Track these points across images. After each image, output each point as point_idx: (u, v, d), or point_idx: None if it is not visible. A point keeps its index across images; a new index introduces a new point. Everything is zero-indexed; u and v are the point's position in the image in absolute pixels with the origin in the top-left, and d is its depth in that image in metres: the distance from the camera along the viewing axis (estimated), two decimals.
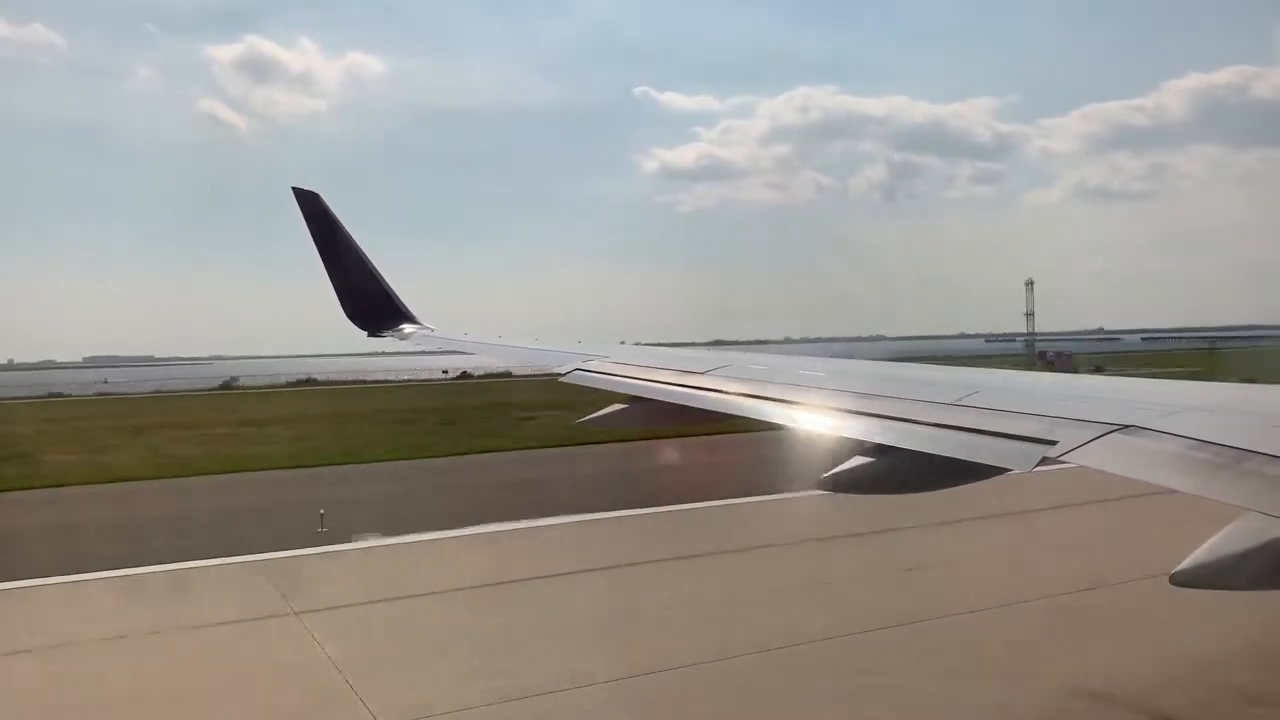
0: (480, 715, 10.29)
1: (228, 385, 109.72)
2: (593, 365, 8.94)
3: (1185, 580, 3.38)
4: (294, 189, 11.01)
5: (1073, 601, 13.80)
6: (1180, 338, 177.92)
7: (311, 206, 11.09)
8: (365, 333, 11.61)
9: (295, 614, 13.97)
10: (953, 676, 11.10)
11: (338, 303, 11.41)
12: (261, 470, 34.94)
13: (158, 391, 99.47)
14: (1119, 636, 12.44)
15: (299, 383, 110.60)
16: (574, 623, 13.72)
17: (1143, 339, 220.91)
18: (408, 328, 11.67)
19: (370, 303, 11.56)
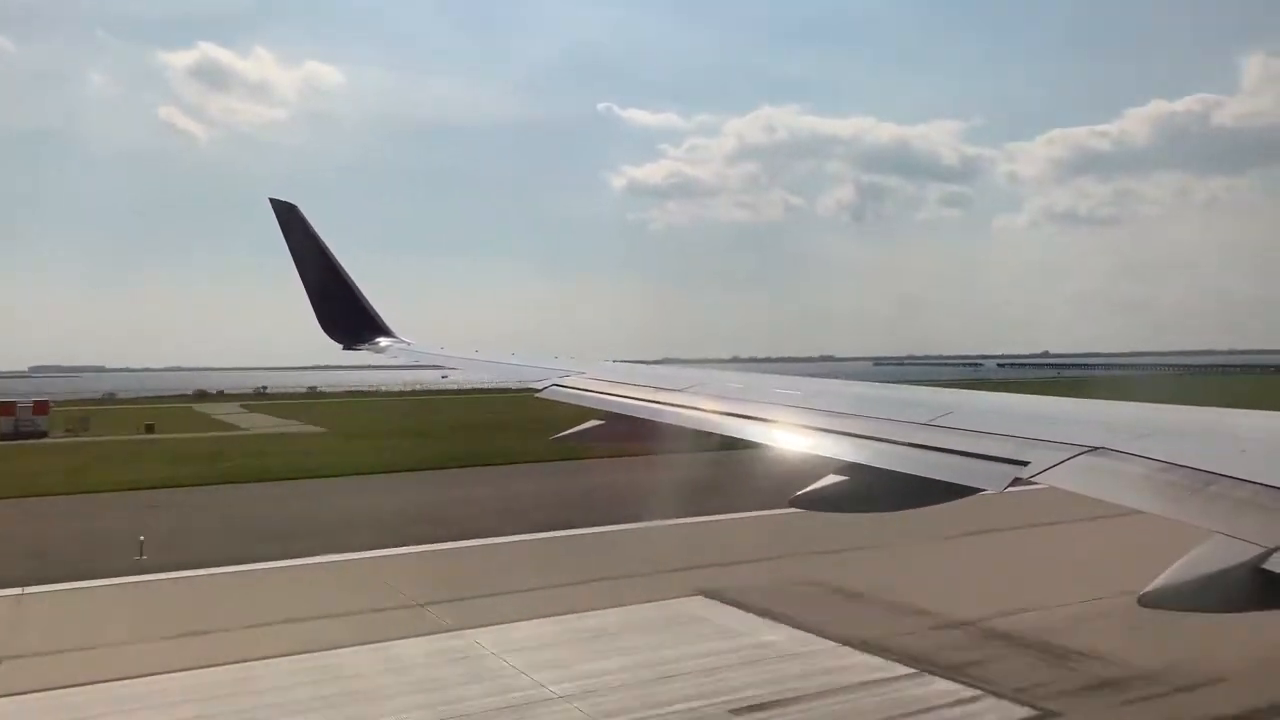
0: None
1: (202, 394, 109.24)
2: (569, 381, 8.90)
3: (1153, 601, 3.40)
4: (271, 200, 10.91)
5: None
6: (1037, 365, 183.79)
7: (288, 217, 10.98)
8: (340, 345, 11.49)
9: None
10: None
11: (313, 314, 11.29)
12: None
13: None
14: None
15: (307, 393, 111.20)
16: None
17: (998, 364, 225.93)
18: (383, 341, 11.57)
19: (346, 315, 11.44)
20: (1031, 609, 14.86)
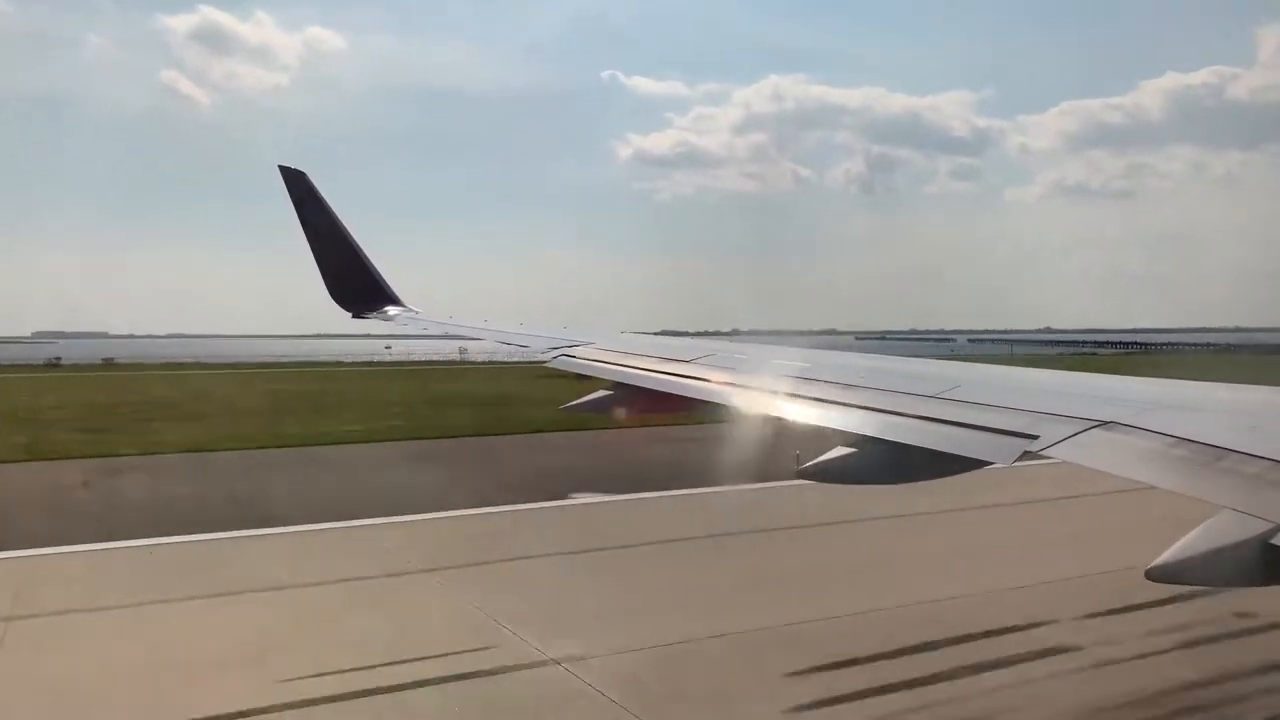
0: None
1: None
2: (577, 351, 8.94)
3: (1160, 575, 3.42)
4: (280, 167, 10.90)
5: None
6: (1005, 341, 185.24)
7: (297, 185, 10.98)
8: (350, 314, 11.55)
9: None
10: None
11: (322, 282, 11.33)
12: None
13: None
14: None
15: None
16: None
17: (969, 340, 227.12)
18: (392, 310, 11.61)
19: (355, 284, 11.48)
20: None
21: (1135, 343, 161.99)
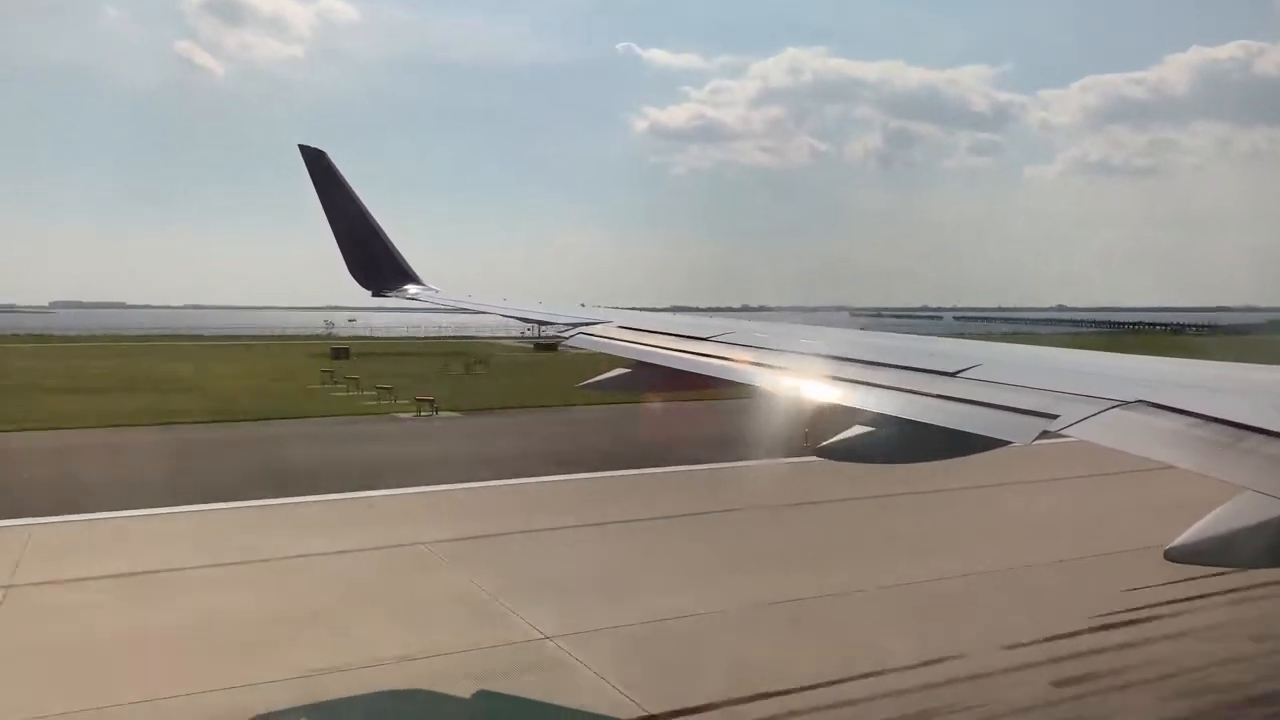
0: None
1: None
2: (596, 330, 8.96)
3: (1180, 556, 3.42)
4: (300, 146, 10.92)
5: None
6: (989, 319, 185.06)
7: (317, 164, 11.00)
8: (369, 292, 11.60)
9: None
10: None
11: (338, 258, 11.37)
12: None
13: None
14: None
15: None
16: None
17: (955, 318, 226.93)
18: (412, 288, 11.65)
19: (375, 263, 11.52)
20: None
21: (1128, 323, 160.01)
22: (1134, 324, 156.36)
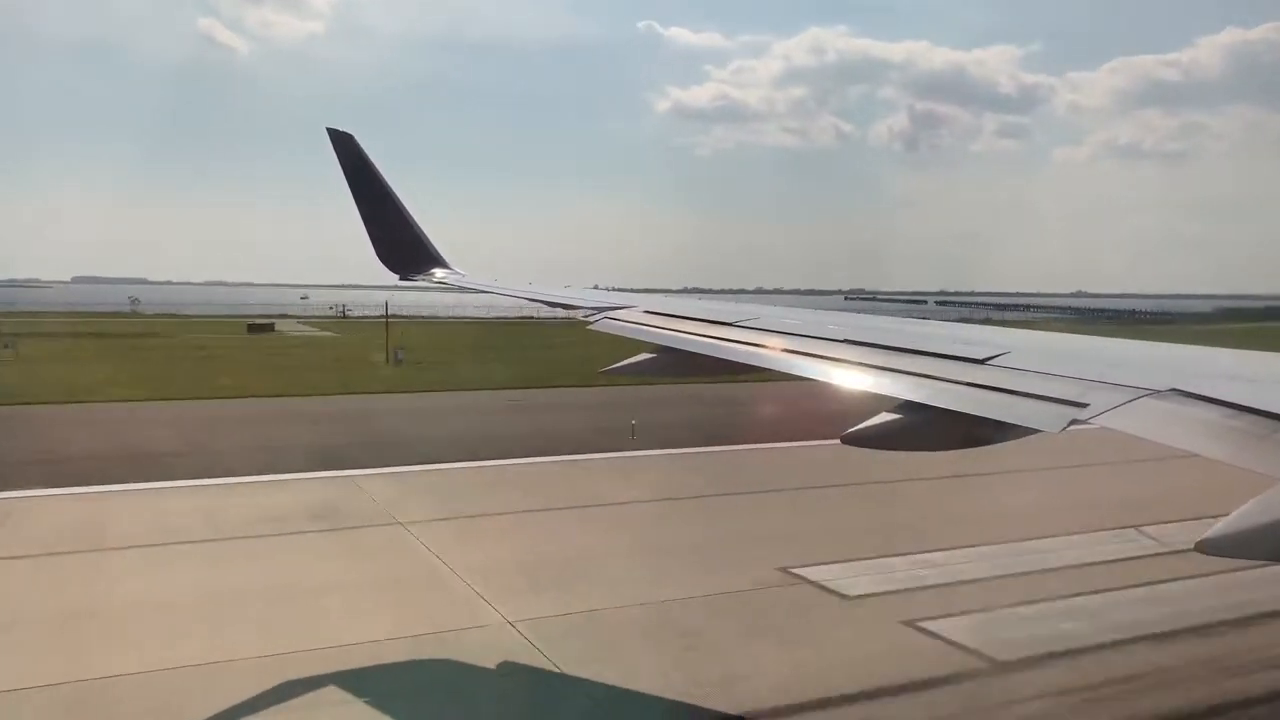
0: None
1: None
2: (620, 314, 8.97)
3: (1212, 548, 3.39)
4: (329, 130, 10.96)
5: None
6: (969, 304, 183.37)
7: (345, 148, 11.03)
8: (397, 275, 11.65)
9: None
10: None
11: (369, 244, 11.42)
12: None
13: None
14: None
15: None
16: None
17: (937, 302, 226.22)
18: (439, 272, 11.69)
19: (402, 246, 11.56)
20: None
21: (1120, 310, 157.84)
22: (1104, 310, 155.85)
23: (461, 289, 11.93)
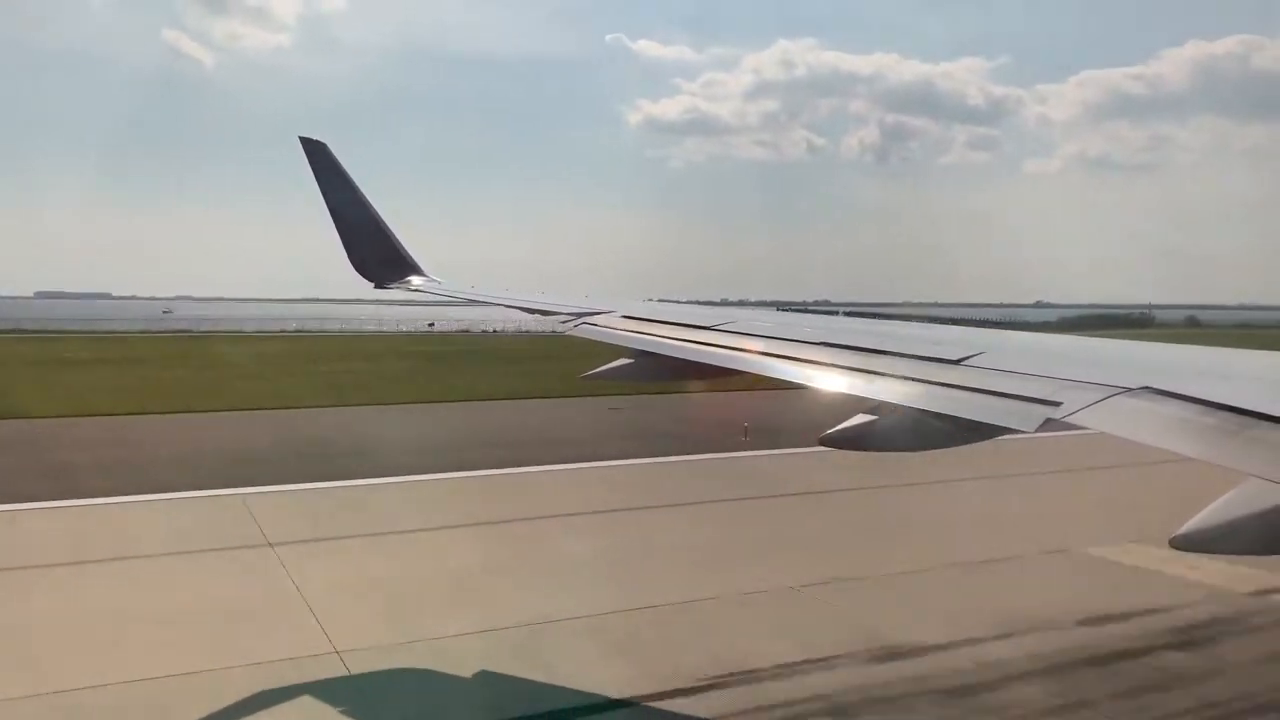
0: None
1: None
2: (598, 319, 8.93)
3: (1185, 544, 3.39)
4: (301, 138, 10.87)
5: None
6: (884, 316, 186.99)
7: (318, 157, 10.95)
8: (372, 284, 11.56)
9: None
10: None
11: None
12: None
13: None
14: None
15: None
16: None
17: (845, 313, 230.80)
18: (416, 280, 11.62)
19: (378, 255, 11.48)
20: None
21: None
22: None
23: (438, 297, 11.86)
